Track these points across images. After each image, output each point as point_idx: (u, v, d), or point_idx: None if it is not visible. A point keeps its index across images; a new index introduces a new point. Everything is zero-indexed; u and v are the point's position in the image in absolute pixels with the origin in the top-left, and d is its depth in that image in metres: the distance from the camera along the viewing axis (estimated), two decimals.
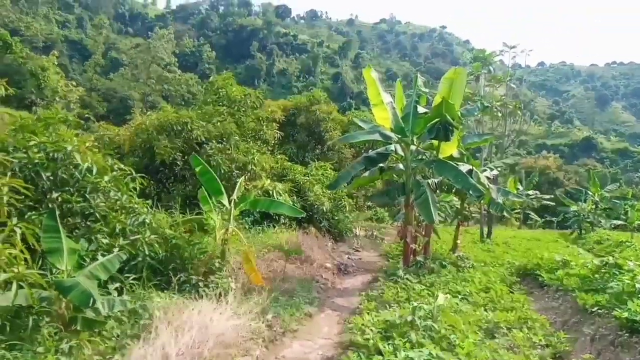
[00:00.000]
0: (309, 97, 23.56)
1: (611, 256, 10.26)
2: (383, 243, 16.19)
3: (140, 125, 12.95)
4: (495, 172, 12.82)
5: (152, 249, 6.94)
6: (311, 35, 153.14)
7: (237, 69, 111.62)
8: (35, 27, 73.38)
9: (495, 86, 18.45)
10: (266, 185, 12.96)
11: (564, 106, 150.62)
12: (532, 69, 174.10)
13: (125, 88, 51.21)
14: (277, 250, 10.01)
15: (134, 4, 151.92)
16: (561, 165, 43.54)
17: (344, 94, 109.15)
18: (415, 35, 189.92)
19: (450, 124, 8.56)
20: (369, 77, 9.75)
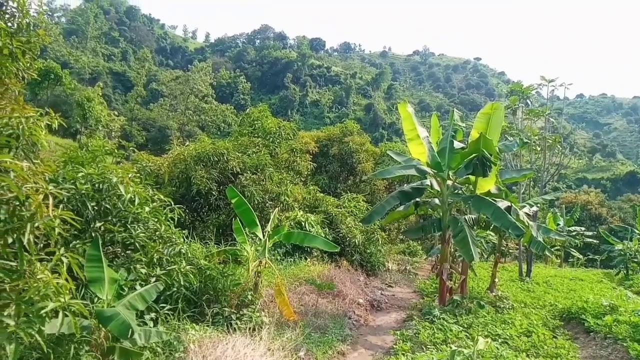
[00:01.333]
0: (341, 128, 23.76)
1: None
2: (417, 278, 15.79)
3: (179, 155, 13.34)
4: (535, 208, 12.40)
5: (187, 279, 7.00)
6: (344, 67, 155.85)
7: (272, 99, 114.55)
8: (84, 60, 77.95)
9: (533, 119, 18.06)
10: (298, 216, 12.99)
11: (606, 139, 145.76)
12: (571, 100, 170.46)
13: (163, 118, 53.25)
14: (309, 284, 9.90)
15: (175, 38, 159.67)
16: (604, 200, 41.78)
17: (376, 124, 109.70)
18: (448, 67, 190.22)
19: (488, 160, 8.40)
20: (404, 112, 9.76)
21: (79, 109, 40.75)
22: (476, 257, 8.59)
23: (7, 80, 5.94)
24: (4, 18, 5.78)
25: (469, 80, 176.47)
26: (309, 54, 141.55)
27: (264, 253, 8.19)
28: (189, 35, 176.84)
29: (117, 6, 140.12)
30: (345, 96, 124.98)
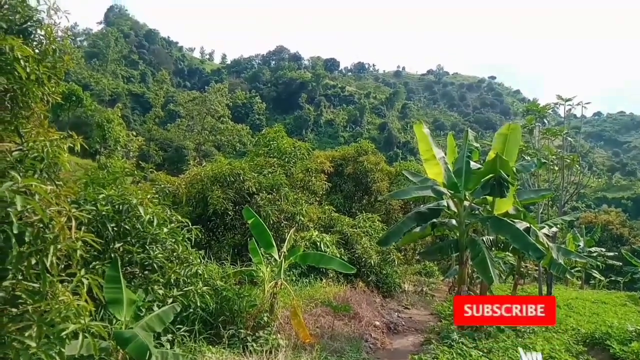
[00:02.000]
0: (356, 148, 23.80)
1: None
2: (434, 300, 15.54)
3: (196, 175, 13.51)
4: (555, 229, 12.17)
5: (204, 300, 7.01)
6: (358, 86, 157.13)
7: (286, 119, 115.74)
8: (104, 82, 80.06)
9: (551, 139, 17.84)
10: (314, 236, 12.96)
11: (625, 157, 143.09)
12: (588, 118, 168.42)
13: (180, 138, 54.12)
14: (324, 306, 9.82)
15: (193, 60, 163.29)
16: (625, 220, 40.76)
17: (390, 143, 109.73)
18: (463, 86, 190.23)
19: (505, 180, 8.32)
20: (420, 133, 9.77)
21: (99, 130, 41.73)
22: (495, 279, 8.44)
23: (33, 104, 6.14)
24: (32, 45, 6.00)
25: (483, 99, 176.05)
26: (323, 74, 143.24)
27: (280, 274, 8.18)
28: (206, 57, 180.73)
29: (137, 30, 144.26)
30: (359, 115, 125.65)
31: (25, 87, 5.72)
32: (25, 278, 3.97)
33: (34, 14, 5.54)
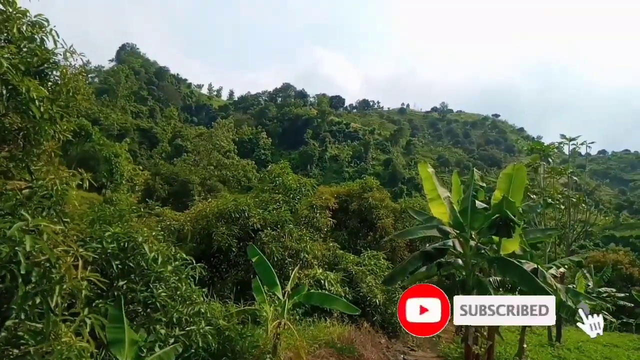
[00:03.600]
0: (361, 184, 23.84)
1: None
2: (440, 341, 15.14)
3: (201, 212, 13.54)
4: (562, 269, 12.00)
5: (206, 340, 6.90)
6: (363, 123, 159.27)
7: (292, 154, 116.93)
8: (113, 117, 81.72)
9: (556, 177, 17.90)
10: (318, 274, 12.83)
11: (632, 196, 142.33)
12: (593, 156, 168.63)
13: (186, 172, 54.49)
14: (328, 347, 9.60)
15: (201, 97, 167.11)
16: (634, 260, 40.06)
17: (395, 179, 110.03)
18: (467, 123, 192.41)
19: (512, 220, 8.28)
20: (424, 172, 9.82)
21: (106, 164, 42.28)
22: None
23: (45, 142, 6.28)
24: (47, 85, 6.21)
25: (487, 136, 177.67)
26: (329, 111, 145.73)
27: (284, 314, 8.07)
28: (214, 94, 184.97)
29: (148, 67, 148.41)
30: (364, 151, 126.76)
31: (38, 126, 5.88)
32: (28, 318, 3.95)
33: (51, 56, 5.76)
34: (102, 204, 17.15)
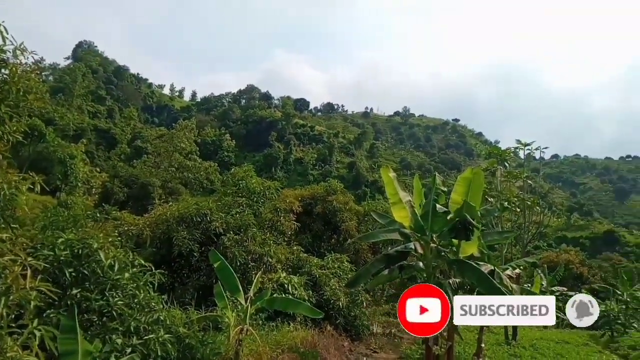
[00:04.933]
0: (325, 187, 23.93)
1: None
2: (402, 343, 15.36)
3: (161, 216, 13.21)
4: (518, 270, 12.44)
5: (165, 349, 6.72)
6: (327, 126, 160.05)
7: (256, 157, 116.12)
8: (69, 117, 78.49)
9: (512, 181, 18.58)
10: (282, 278, 12.74)
11: (582, 198, 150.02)
12: (547, 161, 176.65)
13: (146, 175, 53.10)
14: (291, 352, 9.55)
15: (162, 97, 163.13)
16: (584, 259, 42.16)
17: (359, 182, 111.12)
18: (428, 127, 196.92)
19: (471, 224, 8.52)
20: (386, 176, 9.94)
21: (61, 166, 40.51)
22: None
23: None
24: None
25: (448, 140, 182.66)
26: (293, 114, 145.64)
27: (246, 319, 7.97)
28: (176, 94, 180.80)
29: (106, 66, 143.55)
30: (328, 154, 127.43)
31: None
32: None
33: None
34: (56, 208, 16.42)
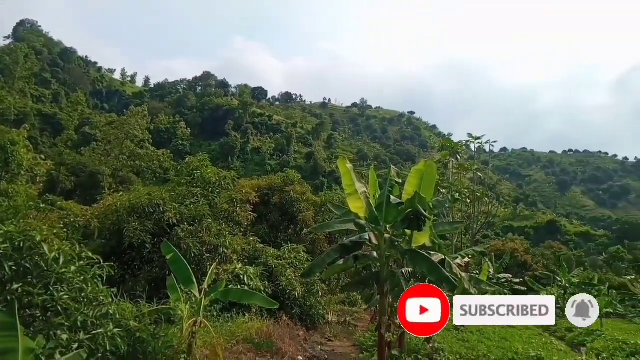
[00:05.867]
0: (282, 178, 23.89)
1: (583, 347, 10.33)
2: (356, 331, 15.69)
3: (111, 206, 12.72)
4: (467, 259, 12.97)
5: (114, 343, 6.53)
6: (286, 116, 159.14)
7: (212, 146, 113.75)
8: (10, 100, 73.73)
9: (463, 173, 19.30)
10: (237, 269, 12.65)
11: (527, 190, 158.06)
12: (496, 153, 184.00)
13: (96, 163, 50.84)
14: (247, 342, 9.54)
15: (113, 82, 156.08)
16: (529, 248, 44.44)
17: (316, 172, 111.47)
18: (385, 119, 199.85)
19: (423, 215, 8.76)
20: (343, 167, 10.04)
21: (1, 153, 37.96)
22: None
23: None
24: None
25: (403, 133, 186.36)
26: (251, 103, 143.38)
27: (200, 312, 7.86)
28: (128, 79, 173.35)
29: (51, 47, 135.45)
30: (286, 144, 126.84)
31: None
32: None
33: None
34: None
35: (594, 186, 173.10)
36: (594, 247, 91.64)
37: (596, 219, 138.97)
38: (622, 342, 10.89)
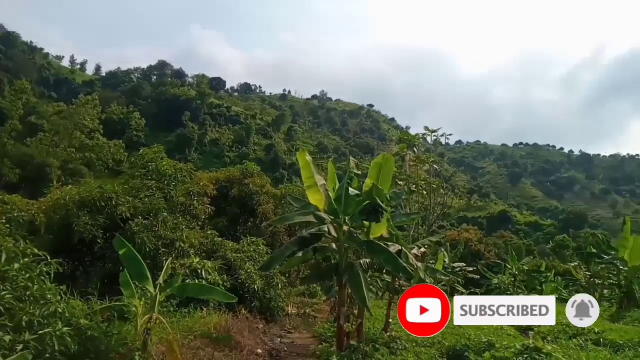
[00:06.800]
0: (241, 170, 23.61)
1: (531, 331, 10.85)
2: (316, 322, 15.81)
3: (59, 200, 12.12)
4: (423, 249, 13.32)
5: (63, 342, 6.26)
6: (245, 107, 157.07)
7: (168, 137, 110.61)
8: None
9: (420, 165, 19.77)
10: (194, 263, 12.40)
11: (481, 181, 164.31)
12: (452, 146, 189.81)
13: (43, 155, 48.29)
14: (204, 337, 9.39)
15: (61, 69, 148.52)
16: (482, 237, 46.17)
17: (276, 164, 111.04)
18: (345, 112, 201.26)
19: (380, 207, 8.92)
20: (302, 160, 10.05)
21: None
22: (368, 300, 8.95)
23: None
24: None
25: (363, 125, 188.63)
26: (209, 93, 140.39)
27: (155, 307, 7.66)
28: (77, 67, 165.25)
29: None
30: (245, 136, 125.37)
31: None
32: None
33: None
34: None
35: (542, 178, 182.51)
36: (542, 235, 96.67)
37: (544, 209, 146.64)
38: (566, 325, 11.49)
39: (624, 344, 9.55)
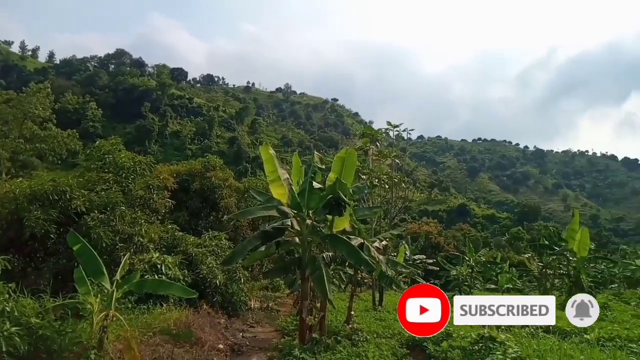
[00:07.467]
0: (203, 163, 23.13)
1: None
2: (279, 316, 15.80)
3: (8, 193, 11.51)
4: (385, 242, 13.55)
5: (11, 343, 5.99)
6: (207, 99, 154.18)
7: (127, 128, 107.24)
8: None
9: (383, 160, 20.02)
10: (154, 258, 12.11)
11: (441, 176, 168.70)
12: (414, 141, 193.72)
13: None
14: (164, 334, 9.20)
15: (10, 55, 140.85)
16: (441, 230, 47.41)
17: (240, 157, 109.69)
18: (309, 106, 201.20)
19: (343, 200, 8.98)
20: (266, 154, 9.99)
21: None
22: (330, 294, 9.04)
23: None
24: None
25: (327, 119, 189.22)
26: (170, 84, 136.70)
27: (111, 304, 7.43)
28: (28, 54, 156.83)
29: None
30: (208, 128, 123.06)
31: None
32: None
33: None
34: None
35: (499, 172, 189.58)
36: (498, 228, 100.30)
37: (500, 202, 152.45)
38: None
39: (571, 331, 10.08)
